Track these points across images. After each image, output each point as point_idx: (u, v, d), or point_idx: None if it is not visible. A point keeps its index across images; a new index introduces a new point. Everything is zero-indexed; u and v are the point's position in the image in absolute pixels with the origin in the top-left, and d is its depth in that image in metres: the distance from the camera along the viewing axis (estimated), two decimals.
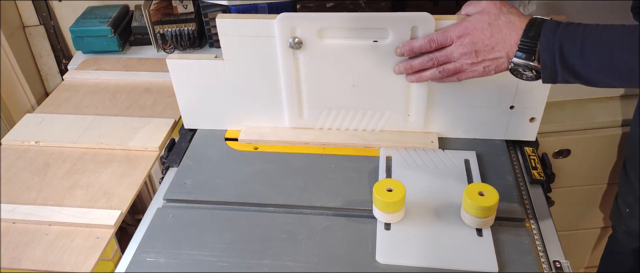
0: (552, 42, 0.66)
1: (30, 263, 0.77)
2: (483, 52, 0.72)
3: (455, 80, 0.77)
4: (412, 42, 0.79)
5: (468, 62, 0.73)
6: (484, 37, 0.71)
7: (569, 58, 0.65)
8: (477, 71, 0.74)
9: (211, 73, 0.91)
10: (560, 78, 0.67)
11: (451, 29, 0.74)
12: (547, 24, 0.67)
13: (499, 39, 0.70)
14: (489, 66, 0.73)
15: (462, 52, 0.73)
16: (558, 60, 0.66)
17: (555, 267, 0.71)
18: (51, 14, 1.34)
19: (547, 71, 0.68)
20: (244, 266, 0.72)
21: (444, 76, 0.77)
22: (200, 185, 0.86)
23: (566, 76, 0.67)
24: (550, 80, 0.68)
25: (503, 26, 0.70)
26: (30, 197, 0.88)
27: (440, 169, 0.86)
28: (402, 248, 0.73)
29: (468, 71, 0.74)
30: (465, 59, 0.73)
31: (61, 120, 1.07)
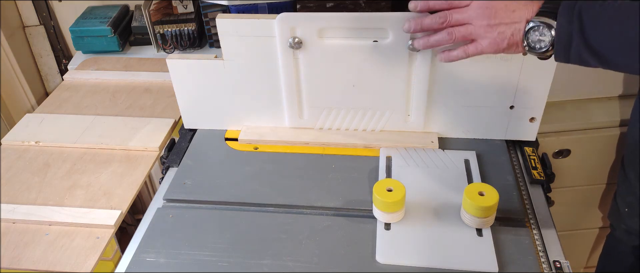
0: (572, 6, 0.61)
1: (30, 263, 0.77)
2: (501, 13, 0.66)
3: (463, 54, 0.71)
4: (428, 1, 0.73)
5: (483, 24, 0.67)
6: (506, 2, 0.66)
7: (586, 24, 0.60)
8: (490, 38, 0.67)
9: (211, 73, 0.91)
10: (574, 49, 0.62)
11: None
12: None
13: (521, 2, 0.65)
14: (505, 32, 0.67)
15: (478, 12, 0.67)
16: (576, 25, 0.61)
17: (555, 267, 0.71)
18: (51, 14, 1.34)
19: (562, 37, 0.62)
20: (244, 266, 0.72)
21: (452, 39, 0.71)
22: (200, 185, 0.86)
23: (580, 48, 0.61)
24: (564, 50, 0.63)
25: None
26: (30, 197, 0.88)
27: (440, 169, 0.86)
28: (402, 248, 0.73)
29: (480, 37, 0.68)
30: (481, 20, 0.67)
31: (61, 120, 1.07)
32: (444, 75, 0.86)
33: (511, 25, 0.66)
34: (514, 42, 0.67)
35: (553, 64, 0.82)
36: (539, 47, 0.65)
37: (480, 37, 0.68)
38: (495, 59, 0.83)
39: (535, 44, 0.65)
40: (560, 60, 0.65)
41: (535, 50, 0.66)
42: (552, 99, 1.12)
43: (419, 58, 0.84)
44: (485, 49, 0.69)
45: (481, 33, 0.68)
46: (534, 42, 0.65)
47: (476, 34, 0.68)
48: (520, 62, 0.83)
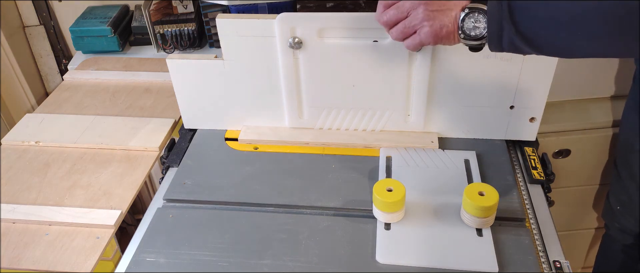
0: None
1: (30, 263, 0.77)
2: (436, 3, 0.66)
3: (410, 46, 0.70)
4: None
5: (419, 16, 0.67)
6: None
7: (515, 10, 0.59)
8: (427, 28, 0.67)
9: (211, 73, 0.91)
10: (506, 37, 0.61)
11: None
12: None
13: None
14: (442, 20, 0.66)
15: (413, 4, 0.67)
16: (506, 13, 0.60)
17: (555, 267, 0.71)
18: (51, 14, 1.34)
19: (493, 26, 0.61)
20: (244, 266, 0.72)
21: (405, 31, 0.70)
22: (200, 185, 0.86)
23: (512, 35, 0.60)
24: (496, 39, 0.62)
25: None
26: (30, 197, 0.88)
27: (440, 169, 0.86)
28: (402, 248, 0.73)
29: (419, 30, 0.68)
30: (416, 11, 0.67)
31: (61, 120, 1.07)
32: (444, 75, 0.86)
33: (447, 12, 0.66)
34: (452, 30, 0.66)
35: (553, 64, 0.83)
36: (474, 34, 0.64)
37: (418, 29, 0.68)
38: (496, 59, 0.83)
39: (470, 32, 0.65)
40: (494, 49, 0.64)
41: (471, 38, 0.65)
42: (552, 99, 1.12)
43: (419, 58, 0.84)
44: (423, 39, 0.68)
45: (418, 24, 0.68)
46: (468, 29, 0.65)
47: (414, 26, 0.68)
48: (521, 62, 0.83)
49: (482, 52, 0.82)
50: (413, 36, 0.69)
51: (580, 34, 0.56)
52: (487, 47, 0.68)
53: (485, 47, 0.71)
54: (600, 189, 1.26)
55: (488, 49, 0.69)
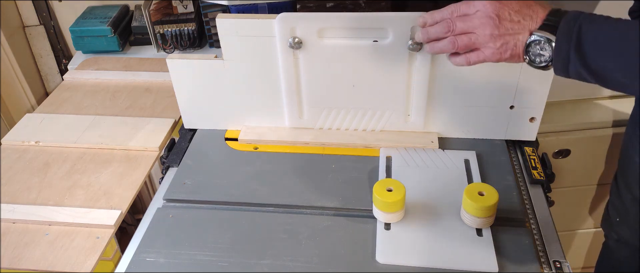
0: (572, 24, 0.61)
1: (30, 263, 0.77)
2: (506, 24, 0.66)
3: (465, 62, 0.71)
4: (433, 12, 0.73)
5: (487, 34, 0.66)
6: (512, 8, 0.65)
7: (584, 43, 0.60)
8: (492, 49, 0.67)
9: (211, 73, 0.91)
10: (572, 66, 0.62)
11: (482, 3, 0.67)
12: (571, 11, 0.63)
13: (527, 13, 0.65)
14: (508, 42, 0.66)
15: (483, 21, 0.66)
16: (573, 44, 0.60)
17: (555, 267, 0.71)
18: (51, 14, 1.34)
19: (560, 55, 0.62)
20: (244, 266, 0.72)
21: (455, 48, 0.70)
22: (200, 185, 0.86)
23: (578, 66, 0.61)
24: (562, 67, 0.63)
25: (534, 4, 0.65)
26: (30, 197, 0.88)
27: (440, 169, 0.86)
28: (402, 248, 0.73)
29: (483, 46, 0.68)
30: (485, 29, 0.66)
31: (61, 120, 1.07)
32: (444, 75, 0.86)
33: (515, 36, 0.66)
34: (516, 53, 0.66)
35: None
36: (538, 60, 0.65)
37: (483, 46, 0.68)
38: None
39: (535, 58, 0.65)
40: (560, 75, 0.64)
41: (535, 63, 0.66)
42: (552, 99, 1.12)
43: (419, 58, 0.84)
44: (487, 57, 0.68)
45: (484, 42, 0.67)
46: (534, 55, 0.65)
47: (479, 43, 0.68)
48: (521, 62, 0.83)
49: None
50: (477, 52, 0.69)
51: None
52: None
53: None
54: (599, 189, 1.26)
55: None
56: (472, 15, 0.67)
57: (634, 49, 0.57)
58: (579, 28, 0.60)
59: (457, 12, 0.69)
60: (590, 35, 0.60)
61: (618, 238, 0.96)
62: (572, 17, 0.62)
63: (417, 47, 0.81)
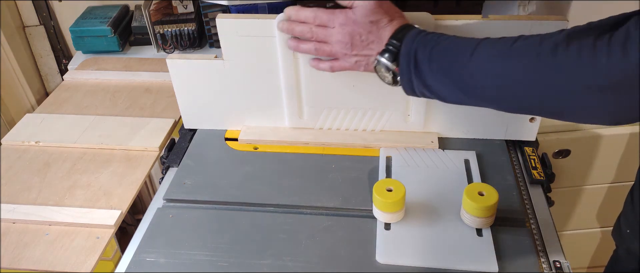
0: (410, 48, 0.68)
1: (30, 263, 0.77)
2: (358, 47, 0.73)
3: (329, 69, 0.79)
4: (299, 9, 0.78)
5: (343, 51, 0.75)
6: (362, 32, 0.72)
7: (420, 66, 0.66)
8: (349, 63, 0.76)
9: (211, 73, 0.91)
10: (416, 88, 0.69)
11: (337, 13, 0.74)
12: (413, 31, 0.69)
13: (374, 38, 0.72)
14: (361, 61, 0.75)
15: (339, 39, 0.74)
16: (413, 68, 0.67)
17: (555, 267, 0.71)
18: (51, 14, 1.34)
19: (404, 77, 0.69)
20: (244, 266, 0.72)
21: (318, 54, 0.78)
22: (200, 185, 0.86)
23: (420, 86, 0.68)
24: (408, 88, 0.70)
25: (382, 26, 0.72)
26: (30, 197, 0.88)
27: (440, 169, 0.86)
28: (402, 248, 0.73)
29: (341, 59, 0.76)
30: (341, 47, 0.75)
31: (61, 120, 1.07)
32: None
33: (366, 56, 0.74)
34: (370, 69, 0.74)
35: None
36: (385, 80, 0.73)
37: (341, 59, 0.77)
38: None
39: (382, 77, 0.73)
40: (409, 94, 0.71)
41: (384, 82, 0.73)
42: None
43: None
44: (348, 68, 0.77)
45: (342, 56, 0.76)
46: (381, 76, 0.73)
47: (339, 55, 0.76)
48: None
49: None
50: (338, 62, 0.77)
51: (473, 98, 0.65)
52: None
53: None
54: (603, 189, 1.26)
55: None
56: (331, 29, 0.75)
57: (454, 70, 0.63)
58: (415, 53, 0.67)
59: (319, 20, 0.76)
60: (424, 59, 0.66)
61: (628, 249, 0.95)
62: (410, 40, 0.68)
63: None
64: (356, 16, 0.72)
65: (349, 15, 0.73)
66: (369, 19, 0.72)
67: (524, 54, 0.58)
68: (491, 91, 0.63)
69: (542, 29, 0.79)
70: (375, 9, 0.72)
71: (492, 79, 0.61)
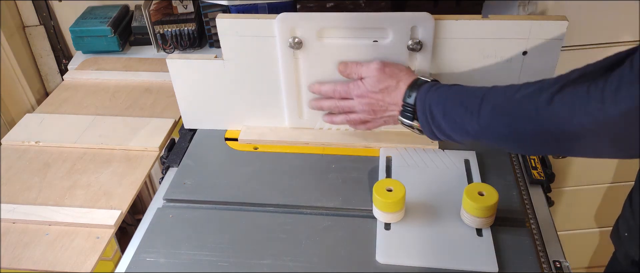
0: (424, 107, 0.73)
1: (30, 263, 0.77)
2: (379, 112, 0.81)
3: (366, 129, 0.87)
4: (319, 86, 0.87)
5: (367, 117, 0.83)
6: (379, 99, 0.80)
7: (437, 120, 0.71)
8: (379, 124, 0.84)
9: (211, 73, 0.91)
10: (440, 137, 0.73)
11: (352, 86, 0.82)
12: (422, 88, 0.75)
13: (390, 101, 0.79)
14: (388, 120, 0.82)
15: (362, 109, 0.82)
16: (431, 122, 0.72)
17: (555, 267, 0.71)
18: (51, 14, 1.34)
19: (426, 130, 0.74)
20: (244, 266, 0.72)
21: (350, 124, 0.86)
22: (200, 185, 0.86)
23: (443, 136, 0.73)
24: (434, 137, 0.74)
25: (392, 90, 0.78)
26: (30, 197, 0.88)
27: (440, 169, 0.86)
28: (402, 248, 0.73)
29: (371, 121, 0.84)
30: (366, 115, 0.82)
31: (61, 120, 1.07)
32: (443, 75, 0.86)
33: (390, 117, 0.81)
34: (395, 123, 0.81)
35: (553, 65, 0.83)
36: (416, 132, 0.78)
37: (372, 122, 0.84)
38: (495, 59, 0.83)
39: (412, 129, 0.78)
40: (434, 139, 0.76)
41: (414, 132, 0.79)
42: None
43: (418, 58, 0.84)
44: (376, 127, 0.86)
45: (371, 120, 0.84)
46: (406, 126, 0.79)
47: (368, 120, 0.84)
48: (520, 63, 0.83)
49: (482, 52, 0.82)
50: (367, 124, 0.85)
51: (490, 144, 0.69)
52: (484, 50, 0.82)
53: (484, 45, 0.82)
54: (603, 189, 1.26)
55: (487, 48, 0.82)
56: (352, 101, 0.83)
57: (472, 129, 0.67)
58: (430, 109, 0.72)
59: (338, 93, 0.85)
60: (440, 115, 0.71)
61: (625, 253, 0.95)
62: (422, 98, 0.74)
63: (417, 47, 0.82)
64: (367, 87, 0.80)
65: (361, 87, 0.81)
66: (378, 88, 0.79)
67: (524, 109, 0.61)
68: (502, 143, 0.67)
69: (542, 29, 0.79)
70: (381, 77, 0.79)
71: (500, 135, 0.65)
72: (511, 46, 0.81)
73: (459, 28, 0.81)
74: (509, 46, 0.81)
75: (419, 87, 0.75)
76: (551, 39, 0.80)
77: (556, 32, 0.79)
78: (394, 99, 0.78)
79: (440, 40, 0.82)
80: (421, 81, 0.77)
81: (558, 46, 0.80)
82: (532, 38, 0.80)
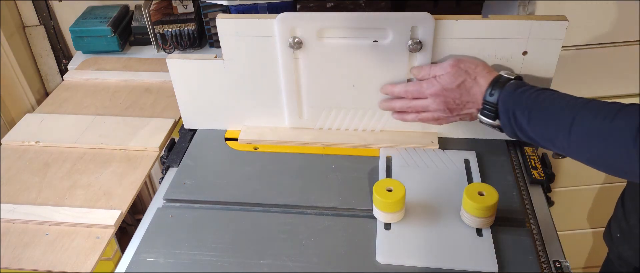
0: (507, 108, 0.72)
1: (30, 263, 0.77)
2: (455, 110, 0.79)
3: (416, 119, 0.85)
4: (392, 87, 0.86)
5: (444, 116, 0.81)
6: (455, 97, 0.78)
7: (521, 124, 0.71)
8: (455, 119, 0.82)
9: (211, 73, 0.91)
10: (521, 138, 0.73)
11: (425, 84, 0.81)
12: (506, 88, 0.73)
13: (468, 99, 0.77)
14: (464, 118, 0.81)
15: (436, 107, 0.80)
16: (514, 124, 0.72)
17: (555, 267, 0.71)
18: (51, 14, 1.34)
19: (507, 131, 0.74)
20: (244, 266, 0.72)
21: (423, 121, 0.85)
22: (200, 185, 0.86)
23: (524, 138, 0.73)
24: (515, 138, 0.74)
25: (470, 87, 0.77)
26: (30, 197, 0.88)
27: (440, 169, 0.86)
28: (402, 248, 0.73)
29: (444, 119, 0.82)
30: (441, 113, 0.81)
31: (61, 120, 1.07)
32: None
33: (467, 114, 0.80)
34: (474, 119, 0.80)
35: (553, 64, 0.83)
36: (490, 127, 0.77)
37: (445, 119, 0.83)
38: (495, 59, 0.83)
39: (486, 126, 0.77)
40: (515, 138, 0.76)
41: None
42: None
43: (418, 58, 0.84)
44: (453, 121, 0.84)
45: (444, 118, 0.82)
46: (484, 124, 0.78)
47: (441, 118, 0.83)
48: (520, 62, 0.83)
49: (481, 52, 0.82)
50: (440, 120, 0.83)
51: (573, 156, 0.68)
52: (484, 50, 0.81)
53: (484, 45, 0.81)
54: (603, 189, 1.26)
55: (487, 48, 0.81)
56: (426, 100, 0.81)
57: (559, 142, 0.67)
58: (514, 113, 0.71)
59: (410, 94, 0.83)
60: (524, 120, 0.70)
61: (618, 254, 0.95)
62: (506, 99, 0.72)
63: (417, 47, 0.82)
64: (443, 84, 0.78)
65: (436, 85, 0.79)
66: (455, 84, 0.77)
67: (622, 135, 0.59)
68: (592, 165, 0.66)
69: (542, 29, 0.79)
70: (456, 73, 0.77)
71: (591, 157, 0.65)
72: (511, 46, 0.81)
73: (459, 28, 0.81)
74: (509, 46, 0.81)
75: (503, 86, 0.73)
76: (551, 39, 0.80)
77: (556, 32, 0.79)
78: (472, 96, 0.76)
79: (440, 40, 0.82)
80: (504, 78, 0.75)
81: (558, 46, 0.80)
82: (532, 38, 0.80)
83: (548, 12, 1.02)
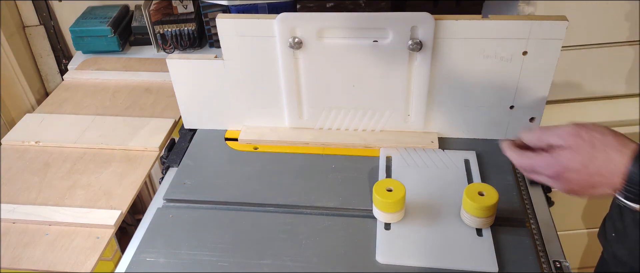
0: None
1: (30, 263, 0.77)
2: (583, 190, 0.63)
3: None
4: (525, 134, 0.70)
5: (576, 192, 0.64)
6: (581, 180, 0.61)
7: None
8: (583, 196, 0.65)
9: (211, 73, 0.91)
10: None
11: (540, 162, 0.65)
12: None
13: (598, 181, 0.61)
14: (593, 195, 0.63)
15: (565, 187, 0.64)
16: None
17: (555, 267, 0.71)
18: (51, 14, 1.34)
19: None
20: (244, 266, 0.72)
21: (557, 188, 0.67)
22: (200, 185, 0.86)
23: None
24: None
25: (602, 166, 0.60)
26: (30, 197, 0.88)
27: (440, 169, 0.86)
28: (402, 248, 0.73)
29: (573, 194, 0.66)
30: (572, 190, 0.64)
31: (61, 120, 1.07)
32: (444, 75, 0.86)
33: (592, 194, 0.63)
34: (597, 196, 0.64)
35: (553, 64, 0.83)
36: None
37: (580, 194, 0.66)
38: (495, 59, 0.83)
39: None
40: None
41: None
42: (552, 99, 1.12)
43: (418, 58, 0.84)
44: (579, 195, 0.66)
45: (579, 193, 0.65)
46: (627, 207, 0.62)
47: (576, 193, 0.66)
48: (520, 62, 0.83)
49: (482, 52, 0.82)
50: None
51: None
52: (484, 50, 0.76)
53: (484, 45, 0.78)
54: None
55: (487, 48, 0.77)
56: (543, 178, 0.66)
57: None
58: None
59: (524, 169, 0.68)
60: None
61: (613, 253, 0.95)
62: None
63: (417, 47, 0.82)
64: (563, 163, 0.62)
65: (554, 165, 0.63)
66: (580, 164, 0.61)
67: None
68: None
69: (542, 29, 0.79)
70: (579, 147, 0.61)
71: None
72: (511, 46, 0.81)
73: (459, 28, 0.81)
74: (509, 46, 0.81)
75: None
76: (551, 39, 0.80)
77: (556, 32, 0.79)
78: (606, 176, 0.60)
79: (440, 40, 0.82)
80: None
81: (558, 46, 0.80)
82: (532, 38, 0.80)
83: (548, 12, 1.02)
